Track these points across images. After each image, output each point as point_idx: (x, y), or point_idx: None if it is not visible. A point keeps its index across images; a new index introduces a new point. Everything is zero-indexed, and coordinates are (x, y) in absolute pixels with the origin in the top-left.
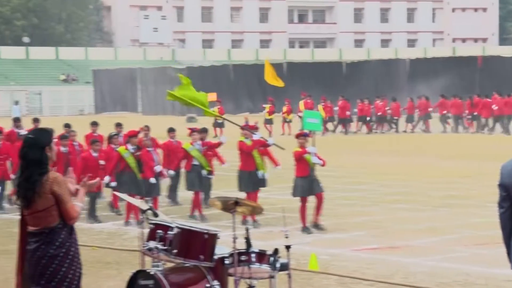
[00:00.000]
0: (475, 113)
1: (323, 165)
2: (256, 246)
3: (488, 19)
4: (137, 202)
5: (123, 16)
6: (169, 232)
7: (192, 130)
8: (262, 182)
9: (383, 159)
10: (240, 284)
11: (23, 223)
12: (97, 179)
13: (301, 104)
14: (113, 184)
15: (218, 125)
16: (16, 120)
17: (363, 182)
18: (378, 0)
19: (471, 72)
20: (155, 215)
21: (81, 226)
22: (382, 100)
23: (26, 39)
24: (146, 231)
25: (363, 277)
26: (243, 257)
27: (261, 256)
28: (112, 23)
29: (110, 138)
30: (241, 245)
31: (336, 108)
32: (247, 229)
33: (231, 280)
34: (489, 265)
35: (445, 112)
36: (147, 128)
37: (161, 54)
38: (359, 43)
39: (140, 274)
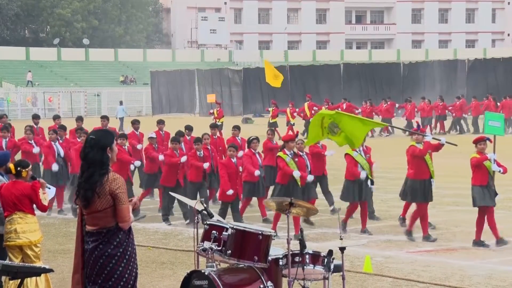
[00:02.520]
0: None
1: (504, 173)
2: (310, 248)
3: None
4: (192, 202)
5: (182, 18)
6: (223, 233)
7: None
8: (427, 193)
9: (443, 160)
10: (294, 285)
11: (82, 223)
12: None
13: (306, 106)
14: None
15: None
16: (104, 118)
17: None
18: (437, 0)
19: None
20: (210, 215)
21: (136, 227)
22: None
23: (85, 41)
24: (201, 231)
25: (418, 279)
26: (297, 259)
27: (315, 258)
28: (171, 24)
29: (249, 142)
30: (295, 246)
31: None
32: (301, 230)
33: (285, 281)
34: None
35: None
36: (271, 133)
37: (218, 55)
38: (417, 43)
39: (194, 274)
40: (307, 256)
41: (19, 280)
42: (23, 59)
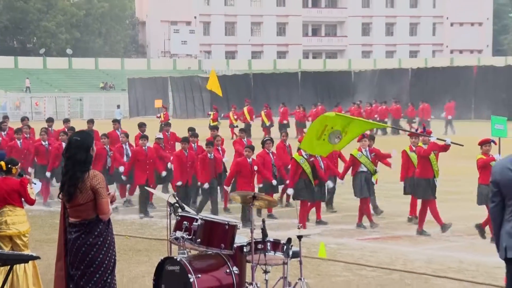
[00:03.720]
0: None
1: None
2: (271, 236)
3: (483, 33)
4: (165, 196)
5: (156, 30)
6: (194, 223)
7: (363, 136)
8: (432, 190)
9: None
10: (257, 269)
11: (64, 215)
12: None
13: (245, 110)
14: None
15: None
16: (115, 122)
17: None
18: (384, 15)
19: (467, 80)
20: (182, 208)
21: (115, 218)
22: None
23: (69, 51)
24: (174, 222)
25: (366, 264)
26: (259, 246)
27: (276, 245)
28: (146, 36)
29: (263, 143)
30: (258, 235)
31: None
32: (263, 221)
33: (248, 266)
34: (481, 253)
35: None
36: (285, 135)
37: (189, 64)
38: (366, 54)
39: (167, 260)
40: (268, 244)
41: (9, 266)
42: (12, 67)
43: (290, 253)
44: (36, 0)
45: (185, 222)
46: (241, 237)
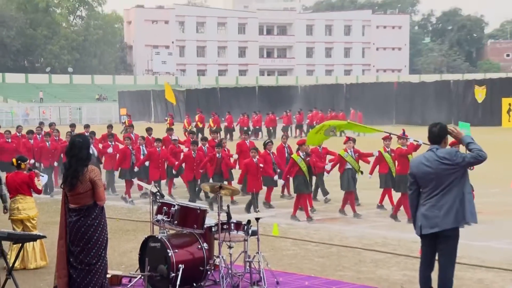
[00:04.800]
0: None
1: (472, 169)
2: (234, 218)
3: (401, 55)
4: (148, 186)
5: (141, 53)
6: (172, 208)
7: (348, 139)
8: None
9: None
10: (222, 245)
11: (65, 202)
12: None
13: (197, 117)
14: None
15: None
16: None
17: None
18: (323, 41)
19: (390, 93)
20: (162, 196)
21: (108, 204)
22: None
23: (70, 69)
24: (155, 207)
25: (311, 240)
26: (225, 226)
27: (238, 225)
28: (133, 57)
29: (265, 144)
30: (224, 217)
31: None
32: (228, 206)
33: (216, 242)
34: (401, 231)
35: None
36: (285, 138)
37: (167, 80)
38: (310, 72)
39: (150, 238)
40: (232, 224)
41: (21, 244)
42: (23, 82)
43: (250, 232)
44: (43, 28)
45: (164, 208)
46: (210, 219)
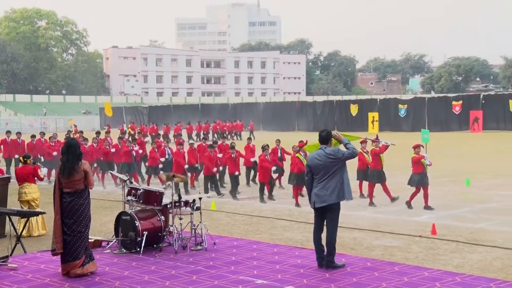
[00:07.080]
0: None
1: (430, 165)
2: (184, 198)
3: (300, 83)
4: (121, 176)
5: (116, 79)
6: (138, 191)
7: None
8: (384, 176)
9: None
10: (175, 217)
11: (59, 187)
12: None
13: (129, 126)
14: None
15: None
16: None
17: None
18: (246, 72)
19: (293, 109)
20: (131, 182)
21: (94, 189)
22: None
23: (64, 92)
24: (126, 190)
25: (238, 212)
26: (177, 204)
27: (186, 203)
28: (110, 83)
29: (263, 148)
30: (176, 197)
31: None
32: (179, 190)
33: (170, 216)
34: (302, 205)
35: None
36: (278, 141)
37: (135, 99)
38: (237, 94)
39: (122, 213)
40: (182, 203)
41: (27, 219)
42: (28, 101)
43: (195, 208)
44: (44, 62)
45: (133, 191)
46: (166, 199)
